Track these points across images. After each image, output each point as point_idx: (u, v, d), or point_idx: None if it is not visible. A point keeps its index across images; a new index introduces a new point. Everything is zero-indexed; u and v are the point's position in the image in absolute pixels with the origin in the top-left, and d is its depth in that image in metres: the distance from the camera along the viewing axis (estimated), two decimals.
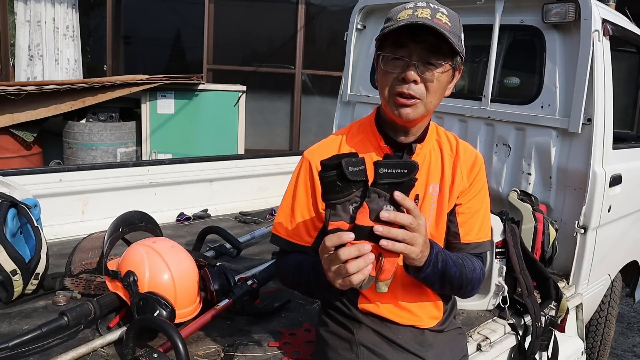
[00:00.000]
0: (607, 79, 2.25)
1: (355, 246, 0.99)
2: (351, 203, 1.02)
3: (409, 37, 1.14)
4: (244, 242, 2.37)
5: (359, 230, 1.00)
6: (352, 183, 1.01)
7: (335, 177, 1.00)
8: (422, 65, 1.16)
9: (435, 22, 1.13)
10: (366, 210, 1.00)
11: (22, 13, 5.88)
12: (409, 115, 1.20)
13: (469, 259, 1.31)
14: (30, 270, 1.68)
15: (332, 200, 1.02)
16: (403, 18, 1.15)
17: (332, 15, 6.73)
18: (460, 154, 1.34)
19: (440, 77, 1.18)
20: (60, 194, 2.45)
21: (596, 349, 2.87)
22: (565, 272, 2.32)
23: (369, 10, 3.02)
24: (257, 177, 3.19)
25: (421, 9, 1.15)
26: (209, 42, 6.37)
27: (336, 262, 1.00)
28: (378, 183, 1.01)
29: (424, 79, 1.17)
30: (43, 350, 1.42)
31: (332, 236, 1.00)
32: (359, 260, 0.98)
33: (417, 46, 1.15)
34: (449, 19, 1.16)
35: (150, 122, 5.10)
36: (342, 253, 0.98)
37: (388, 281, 1.04)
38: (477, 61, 2.71)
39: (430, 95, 1.19)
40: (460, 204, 1.33)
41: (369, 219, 1.00)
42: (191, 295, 1.61)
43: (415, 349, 1.29)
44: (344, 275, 1.00)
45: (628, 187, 2.46)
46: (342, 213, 1.02)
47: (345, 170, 0.99)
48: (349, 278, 0.99)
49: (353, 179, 1.00)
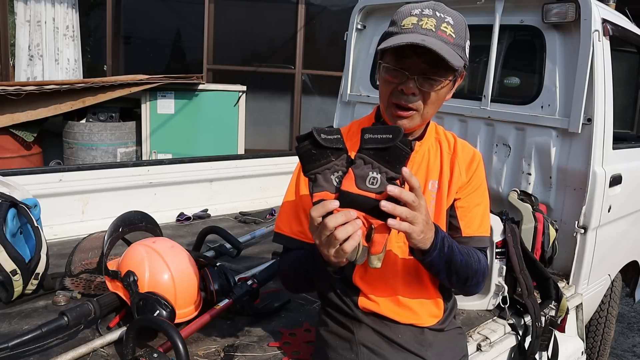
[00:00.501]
0: (607, 79, 2.25)
1: (341, 212, 0.97)
2: (332, 172, 1.01)
3: (411, 49, 1.14)
4: (244, 242, 2.37)
5: (344, 197, 0.98)
6: (328, 150, 1.01)
7: (309, 145, 1.00)
8: (421, 79, 1.16)
9: (439, 34, 1.13)
10: (352, 177, 0.99)
11: (22, 13, 5.89)
12: (405, 125, 1.21)
13: (474, 251, 1.31)
14: (30, 270, 1.68)
15: (311, 170, 1.02)
16: (407, 27, 1.15)
17: (332, 15, 6.73)
18: (458, 152, 1.36)
19: (439, 91, 1.19)
20: (60, 194, 2.45)
21: (596, 349, 2.87)
22: (565, 272, 2.32)
23: (369, 10, 3.01)
24: (257, 177, 3.19)
25: (426, 18, 1.15)
26: (209, 42, 6.37)
27: (325, 231, 0.98)
28: (363, 149, 1.00)
29: (422, 92, 1.17)
30: (43, 350, 1.42)
31: (317, 206, 0.99)
32: (347, 226, 0.97)
33: (419, 59, 1.15)
34: (454, 29, 1.15)
35: (150, 122, 5.10)
36: (329, 220, 0.97)
37: (380, 255, 1.03)
38: (477, 61, 2.71)
39: (427, 107, 1.20)
40: (459, 198, 1.34)
41: (355, 186, 0.98)
42: (191, 295, 1.61)
43: (415, 348, 1.29)
44: (335, 245, 0.98)
45: (628, 187, 2.46)
46: (324, 183, 1.01)
47: (317, 137, 0.99)
48: (342, 247, 0.98)
49: (327, 145, 1.00)
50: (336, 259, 1.02)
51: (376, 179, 0.99)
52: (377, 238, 1.01)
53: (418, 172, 1.31)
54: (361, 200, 0.98)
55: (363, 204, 0.98)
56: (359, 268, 1.31)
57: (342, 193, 0.98)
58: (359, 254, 1.01)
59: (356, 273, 1.32)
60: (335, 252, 1.00)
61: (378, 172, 1.00)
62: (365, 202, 0.98)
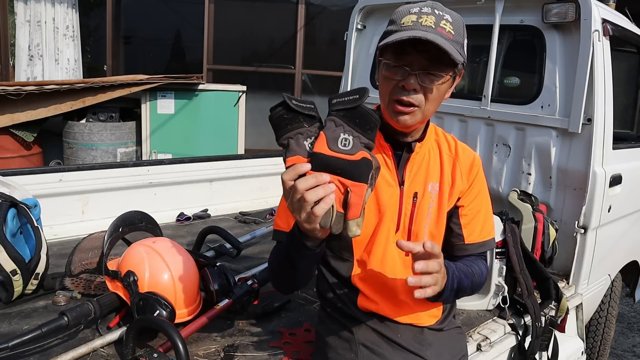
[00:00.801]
0: (607, 79, 2.25)
1: (312, 175, 0.95)
2: (305, 138, 1.00)
3: (412, 45, 1.14)
4: (244, 242, 2.37)
5: (316, 159, 0.96)
6: (301, 116, 1.00)
7: (282, 110, 1.00)
8: (422, 75, 1.16)
9: (438, 30, 1.13)
10: (323, 139, 0.98)
11: (22, 13, 5.89)
12: (407, 122, 1.20)
13: (476, 264, 1.35)
14: (30, 270, 1.68)
15: (283, 134, 1.00)
16: (407, 24, 1.15)
17: (332, 15, 6.73)
18: (459, 154, 1.36)
19: (440, 87, 1.19)
20: (60, 194, 2.45)
21: (596, 349, 2.87)
22: (565, 272, 2.32)
23: (369, 10, 3.02)
24: (257, 177, 3.19)
25: (426, 16, 1.15)
26: (209, 42, 6.37)
27: (296, 194, 0.94)
28: (332, 111, 1.01)
29: (423, 87, 1.17)
30: (43, 350, 1.42)
31: (289, 169, 0.96)
32: (317, 189, 0.93)
33: (419, 55, 1.15)
34: (452, 26, 1.16)
35: (150, 122, 5.10)
36: (299, 183, 0.94)
37: (359, 220, 0.99)
38: (477, 61, 2.71)
39: (428, 103, 1.19)
40: (462, 206, 1.35)
41: (327, 147, 0.97)
42: (191, 295, 1.61)
43: (415, 348, 1.30)
44: (306, 209, 0.94)
45: (628, 187, 2.46)
46: (296, 148, 0.99)
47: (289, 102, 1.00)
48: (313, 211, 0.94)
49: (299, 110, 1.00)
50: (309, 226, 0.98)
51: (348, 140, 0.98)
52: (354, 200, 0.97)
53: (418, 173, 1.31)
54: (333, 161, 0.96)
55: (336, 166, 0.96)
56: (357, 268, 1.31)
57: (313, 155, 0.97)
58: (333, 220, 0.97)
59: (355, 273, 1.32)
60: (307, 217, 0.96)
61: (351, 134, 0.99)
62: (338, 164, 0.96)
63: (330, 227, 0.98)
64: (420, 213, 1.30)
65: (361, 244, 1.30)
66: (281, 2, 6.80)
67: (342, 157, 0.97)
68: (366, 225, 1.28)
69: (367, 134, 1.00)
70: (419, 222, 1.30)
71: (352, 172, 0.97)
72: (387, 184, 1.28)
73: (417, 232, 1.30)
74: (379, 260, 1.29)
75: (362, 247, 1.31)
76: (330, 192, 0.94)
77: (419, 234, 1.31)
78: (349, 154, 0.97)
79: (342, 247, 1.32)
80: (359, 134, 0.99)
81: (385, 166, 1.28)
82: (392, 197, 1.28)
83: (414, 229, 1.30)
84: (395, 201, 1.28)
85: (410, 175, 1.30)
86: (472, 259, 1.36)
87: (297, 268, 1.17)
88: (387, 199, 1.27)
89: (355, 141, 0.98)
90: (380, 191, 1.27)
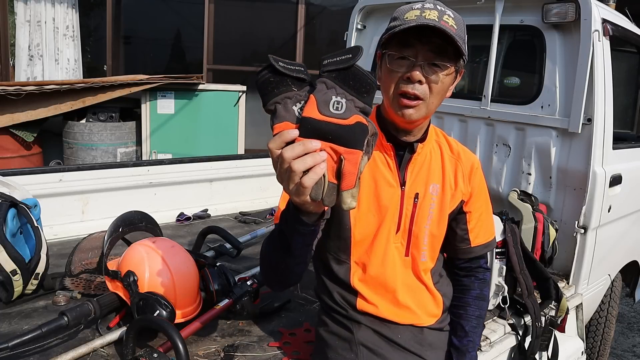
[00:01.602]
0: (607, 79, 2.25)
1: (300, 142, 0.85)
2: (294, 102, 0.90)
3: (416, 38, 1.15)
4: (244, 242, 2.37)
5: (305, 125, 0.87)
6: (289, 79, 0.90)
7: (268, 74, 0.91)
8: (427, 66, 1.16)
9: (442, 24, 1.13)
10: (313, 102, 0.88)
11: (22, 13, 5.89)
12: (412, 116, 1.19)
13: (480, 297, 1.43)
14: (30, 270, 1.68)
15: (270, 99, 0.91)
16: (411, 18, 1.15)
17: (332, 15, 6.73)
18: (461, 157, 1.36)
19: (444, 79, 1.18)
20: (60, 194, 2.45)
21: (596, 349, 2.87)
22: (565, 272, 2.32)
23: (369, 10, 3.01)
24: (257, 177, 3.19)
25: (429, 11, 1.15)
26: (209, 42, 6.37)
27: (283, 164, 0.86)
28: (324, 72, 0.91)
29: (428, 80, 1.17)
30: (43, 350, 1.42)
31: (275, 137, 0.88)
32: (305, 158, 0.84)
33: (424, 47, 1.15)
34: (455, 22, 1.16)
35: (150, 122, 5.10)
36: (285, 151, 0.85)
37: (354, 191, 0.89)
38: (477, 61, 2.71)
39: (432, 97, 1.19)
40: (469, 212, 1.37)
41: (317, 112, 0.87)
42: (191, 295, 1.61)
43: (414, 348, 1.30)
44: (295, 180, 0.86)
45: (628, 187, 2.46)
46: (284, 113, 0.89)
47: (275, 63, 0.90)
48: (301, 182, 0.85)
49: (286, 72, 0.90)
50: (298, 199, 0.89)
51: (341, 103, 0.88)
52: (348, 168, 0.87)
53: (419, 174, 1.31)
54: (324, 126, 0.87)
55: (327, 131, 0.87)
56: (357, 270, 1.31)
57: (302, 120, 0.87)
58: (325, 191, 0.88)
59: (354, 275, 1.32)
60: (296, 188, 0.87)
61: (344, 97, 0.89)
62: (330, 129, 0.87)
63: (322, 200, 0.88)
64: (421, 214, 1.30)
65: (361, 245, 1.30)
66: (281, 2, 6.80)
67: (334, 121, 0.87)
68: (366, 226, 1.28)
69: (362, 97, 0.91)
70: (420, 222, 1.30)
71: (345, 137, 0.87)
72: (388, 184, 1.28)
73: (418, 233, 1.31)
74: (380, 261, 1.29)
75: (361, 249, 1.30)
76: (320, 160, 0.85)
77: (419, 235, 1.31)
78: (341, 118, 0.88)
79: (339, 249, 1.31)
80: (353, 97, 0.90)
81: (387, 167, 1.28)
82: (393, 198, 1.28)
83: (415, 230, 1.30)
84: (396, 202, 1.28)
85: (412, 175, 1.30)
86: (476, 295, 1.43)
87: (291, 251, 1.07)
88: (388, 200, 1.27)
89: (349, 104, 0.89)
90: (381, 192, 1.27)
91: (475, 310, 1.41)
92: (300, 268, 1.16)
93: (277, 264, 1.15)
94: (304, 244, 1.07)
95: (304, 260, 1.14)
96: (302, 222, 0.97)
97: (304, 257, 1.13)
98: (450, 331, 1.41)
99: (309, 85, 0.92)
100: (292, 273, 1.17)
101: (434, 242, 1.34)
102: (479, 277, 1.44)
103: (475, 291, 1.43)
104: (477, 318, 1.41)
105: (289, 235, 1.04)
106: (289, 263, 1.12)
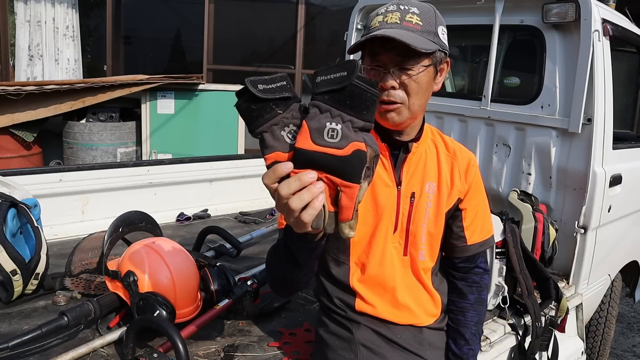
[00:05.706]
0: (607, 79, 2.25)
1: (295, 177, 0.81)
2: (281, 128, 0.84)
3: (381, 45, 1.15)
4: (244, 242, 2.37)
5: (299, 156, 0.82)
6: (271, 102, 0.84)
7: (247, 100, 0.84)
8: (398, 71, 1.16)
9: (404, 25, 1.14)
10: (306, 131, 0.82)
11: (22, 13, 5.89)
12: (395, 119, 1.20)
13: (479, 301, 1.42)
14: (30, 270, 1.68)
15: (256, 128, 0.85)
16: (374, 26, 1.17)
17: (332, 15, 6.73)
18: (457, 154, 1.36)
19: (418, 79, 1.18)
20: (60, 194, 2.45)
21: (596, 349, 2.87)
22: (565, 272, 2.32)
23: (369, 10, 3.01)
24: (257, 177, 3.17)
25: (391, 14, 1.16)
26: (209, 42, 6.37)
27: (281, 201, 0.83)
28: (316, 94, 0.84)
29: (402, 83, 1.17)
30: (43, 350, 1.42)
31: (269, 171, 0.83)
32: (302, 193, 0.81)
33: (389, 53, 1.15)
34: (420, 17, 1.16)
35: (150, 122, 5.10)
36: (281, 189, 0.82)
37: (352, 222, 0.86)
38: (477, 61, 2.71)
39: (412, 98, 1.19)
40: (465, 209, 1.36)
41: (311, 141, 0.81)
42: (191, 295, 1.61)
43: (414, 348, 1.30)
44: (294, 216, 0.84)
45: (628, 187, 2.46)
46: (273, 142, 0.84)
47: (253, 88, 0.83)
48: (300, 218, 0.83)
49: (266, 96, 0.83)
50: (299, 230, 0.88)
51: (336, 130, 0.82)
52: (345, 202, 0.83)
53: (415, 173, 1.31)
54: (319, 158, 0.81)
55: (323, 163, 0.81)
56: (356, 270, 1.31)
57: (296, 151, 0.82)
58: (326, 221, 0.85)
59: (353, 276, 1.32)
60: (295, 221, 0.85)
61: (340, 121, 0.83)
62: (325, 161, 0.81)
63: (324, 228, 0.86)
64: (417, 213, 1.30)
65: (359, 245, 1.30)
66: (281, 2, 6.80)
67: (329, 152, 0.81)
68: (364, 227, 1.28)
69: (361, 115, 0.84)
70: (417, 222, 1.30)
71: (341, 169, 0.82)
72: (384, 184, 1.28)
73: (415, 232, 1.31)
74: (378, 261, 1.29)
75: (360, 249, 1.30)
76: (317, 193, 0.82)
77: (417, 234, 1.31)
78: (337, 148, 0.82)
79: (338, 250, 1.31)
80: (351, 117, 0.84)
81: (383, 167, 1.28)
82: (390, 198, 1.28)
83: (412, 229, 1.30)
84: (392, 201, 1.28)
85: (408, 175, 1.30)
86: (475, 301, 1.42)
87: (298, 263, 1.08)
88: (385, 200, 1.27)
89: (345, 130, 0.82)
90: (378, 192, 1.27)
91: (474, 316, 1.40)
92: (308, 277, 1.21)
93: (285, 276, 1.18)
94: (312, 257, 1.10)
95: (312, 269, 1.18)
96: (307, 240, 0.99)
97: (312, 267, 1.17)
98: (448, 338, 1.41)
99: (295, 100, 0.86)
100: (300, 282, 1.21)
101: (432, 240, 1.34)
102: (477, 280, 1.43)
103: (474, 295, 1.42)
104: (476, 324, 1.41)
105: (295, 251, 1.05)
106: (297, 275, 1.15)
